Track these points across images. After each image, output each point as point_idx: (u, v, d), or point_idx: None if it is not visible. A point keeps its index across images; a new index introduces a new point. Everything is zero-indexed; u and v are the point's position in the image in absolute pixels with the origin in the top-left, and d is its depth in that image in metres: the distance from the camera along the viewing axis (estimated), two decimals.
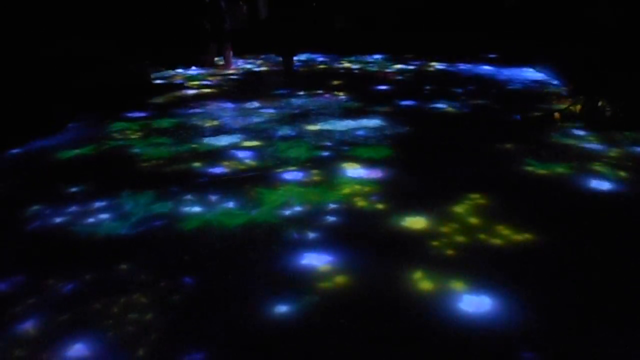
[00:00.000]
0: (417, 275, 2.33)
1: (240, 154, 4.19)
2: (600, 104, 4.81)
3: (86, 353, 1.87)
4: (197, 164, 3.95)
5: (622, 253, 2.50)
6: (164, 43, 8.53)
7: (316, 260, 2.48)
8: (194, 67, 9.10)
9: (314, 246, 2.62)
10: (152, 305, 2.15)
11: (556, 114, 4.98)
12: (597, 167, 3.69)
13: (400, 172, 3.70)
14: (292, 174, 3.67)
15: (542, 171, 3.63)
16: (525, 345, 1.86)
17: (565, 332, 1.93)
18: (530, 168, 3.70)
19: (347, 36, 11.57)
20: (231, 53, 9.32)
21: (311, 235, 2.74)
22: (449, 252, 2.55)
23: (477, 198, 3.18)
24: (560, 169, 3.66)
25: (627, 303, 2.10)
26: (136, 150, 4.36)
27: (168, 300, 2.18)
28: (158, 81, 7.84)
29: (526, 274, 2.33)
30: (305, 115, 5.45)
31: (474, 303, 2.11)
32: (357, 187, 3.41)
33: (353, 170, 3.73)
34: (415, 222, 2.87)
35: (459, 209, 3.03)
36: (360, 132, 4.77)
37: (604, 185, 3.35)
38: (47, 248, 2.69)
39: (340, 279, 2.31)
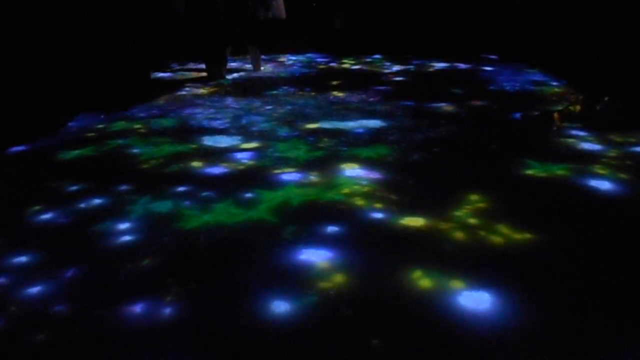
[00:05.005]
0: (417, 274, 2.33)
1: (239, 154, 4.19)
2: (600, 104, 4.80)
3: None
4: (196, 164, 3.95)
5: (623, 253, 2.50)
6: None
7: (315, 259, 2.48)
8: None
9: (313, 246, 2.62)
10: (149, 305, 2.15)
11: (555, 114, 4.97)
12: (597, 167, 3.69)
13: (399, 172, 3.70)
14: (291, 175, 3.67)
15: (541, 171, 3.63)
16: (525, 344, 1.86)
17: (566, 332, 1.93)
18: (529, 168, 3.70)
19: (347, 36, 11.56)
20: (258, 52, 8.46)
21: (310, 235, 2.75)
22: (449, 251, 2.55)
23: (476, 198, 3.18)
24: (559, 170, 3.66)
25: (628, 303, 2.10)
26: (136, 150, 4.37)
27: (166, 301, 2.19)
28: (158, 80, 7.84)
29: (526, 274, 2.33)
30: (304, 115, 5.45)
31: (474, 302, 2.11)
32: (356, 187, 3.41)
33: (352, 170, 3.73)
34: (415, 222, 2.87)
35: (458, 208, 3.03)
36: (360, 132, 4.77)
37: (603, 186, 3.35)
38: (46, 247, 2.69)
39: (339, 279, 2.31)
